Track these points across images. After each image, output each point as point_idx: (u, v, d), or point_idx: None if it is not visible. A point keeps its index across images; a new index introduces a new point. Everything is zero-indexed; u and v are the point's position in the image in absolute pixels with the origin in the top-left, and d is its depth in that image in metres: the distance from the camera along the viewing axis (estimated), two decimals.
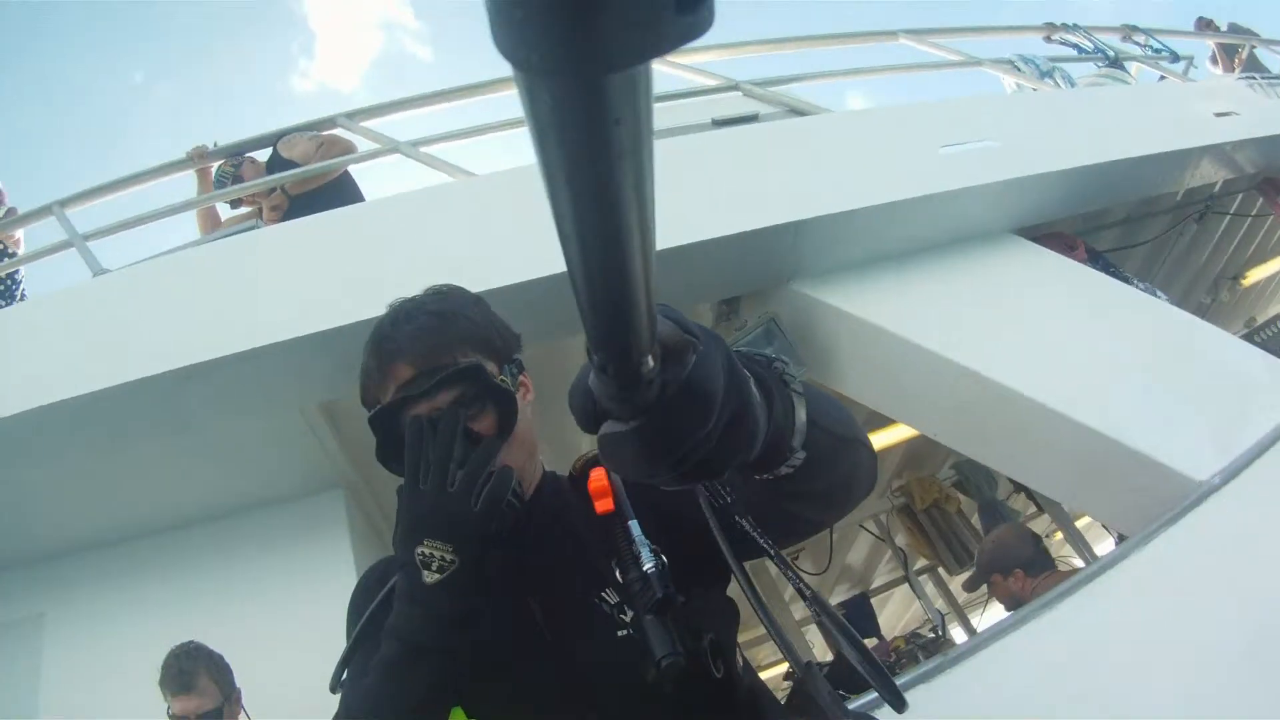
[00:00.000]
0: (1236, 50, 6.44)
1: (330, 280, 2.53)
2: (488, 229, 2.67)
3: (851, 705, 1.13)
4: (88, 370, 2.39)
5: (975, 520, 5.54)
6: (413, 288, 1.52)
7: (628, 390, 0.52)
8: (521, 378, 1.19)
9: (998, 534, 3.50)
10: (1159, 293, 3.44)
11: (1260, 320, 6.35)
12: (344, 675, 1.10)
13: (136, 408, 2.42)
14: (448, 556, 0.99)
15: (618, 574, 1.00)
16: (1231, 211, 5.09)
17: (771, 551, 0.97)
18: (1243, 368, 2.95)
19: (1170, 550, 2.27)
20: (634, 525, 1.03)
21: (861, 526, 6.24)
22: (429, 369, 1.09)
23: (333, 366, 2.44)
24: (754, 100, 3.51)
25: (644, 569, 0.96)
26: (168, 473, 2.74)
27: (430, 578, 0.98)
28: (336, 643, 2.41)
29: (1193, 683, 2.04)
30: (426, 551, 0.98)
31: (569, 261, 0.41)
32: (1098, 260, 3.54)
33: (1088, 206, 3.63)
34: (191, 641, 2.36)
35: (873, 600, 6.80)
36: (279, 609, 2.65)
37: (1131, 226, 4.47)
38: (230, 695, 2.34)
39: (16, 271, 4.24)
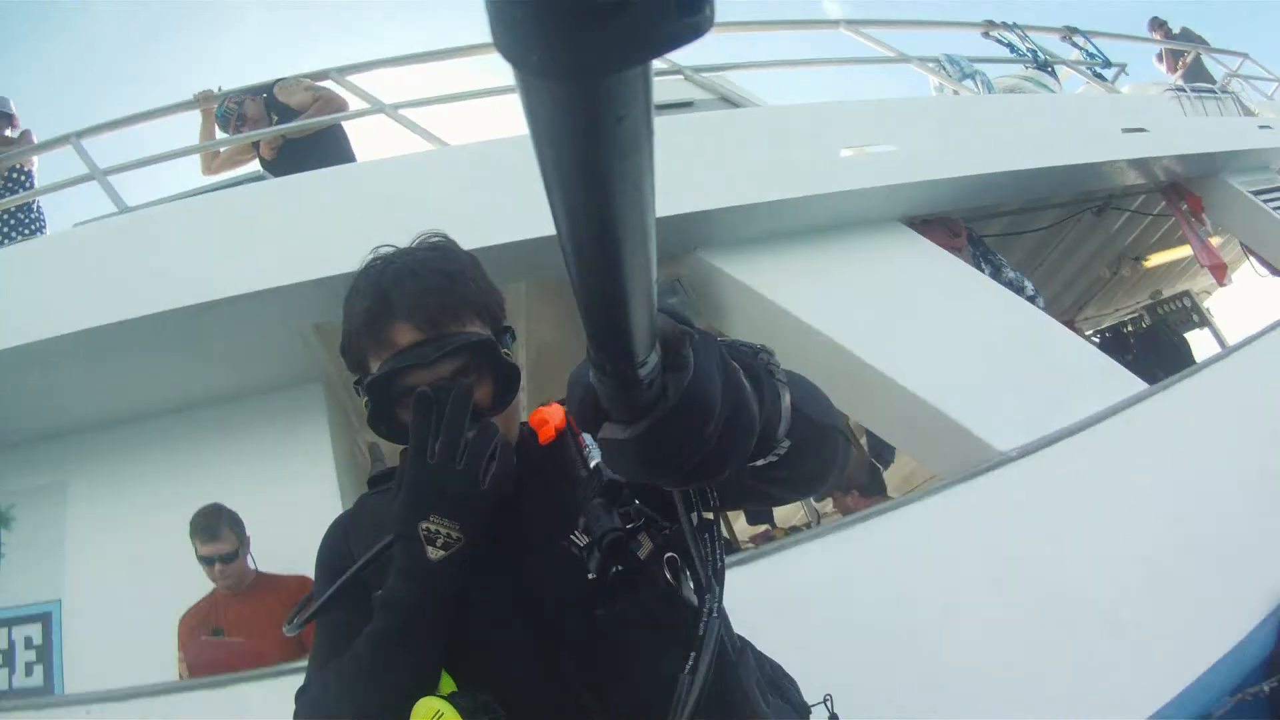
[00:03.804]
0: (1181, 54, 6.90)
1: (331, 231, 3.10)
2: (473, 192, 3.19)
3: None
4: (119, 300, 2.96)
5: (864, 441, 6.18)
6: (402, 243, 2.04)
7: (628, 391, 0.54)
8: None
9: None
10: (1028, 284, 4.12)
11: (1165, 294, 6.96)
12: (306, 621, 1.14)
13: (158, 333, 3.02)
14: (454, 534, 1.03)
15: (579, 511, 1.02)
16: (1132, 209, 5.68)
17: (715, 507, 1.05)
18: (1073, 362, 3.65)
19: (956, 502, 2.97)
20: (587, 436, 1.08)
21: None
22: (435, 336, 1.10)
23: (326, 302, 3.06)
24: (693, 85, 4.07)
25: (591, 464, 1.02)
26: (174, 371, 3.35)
27: (435, 554, 1.02)
28: (311, 511, 3.08)
29: (936, 617, 2.71)
30: (432, 528, 1.02)
31: (569, 262, 0.43)
32: (978, 246, 4.21)
33: (977, 203, 4.26)
34: (215, 502, 3.11)
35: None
36: (267, 480, 3.35)
37: (1026, 217, 5.06)
38: (243, 543, 3.13)
39: (35, 202, 4.73)
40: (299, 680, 2.32)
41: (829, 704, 1.39)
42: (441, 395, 1.03)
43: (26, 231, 4.66)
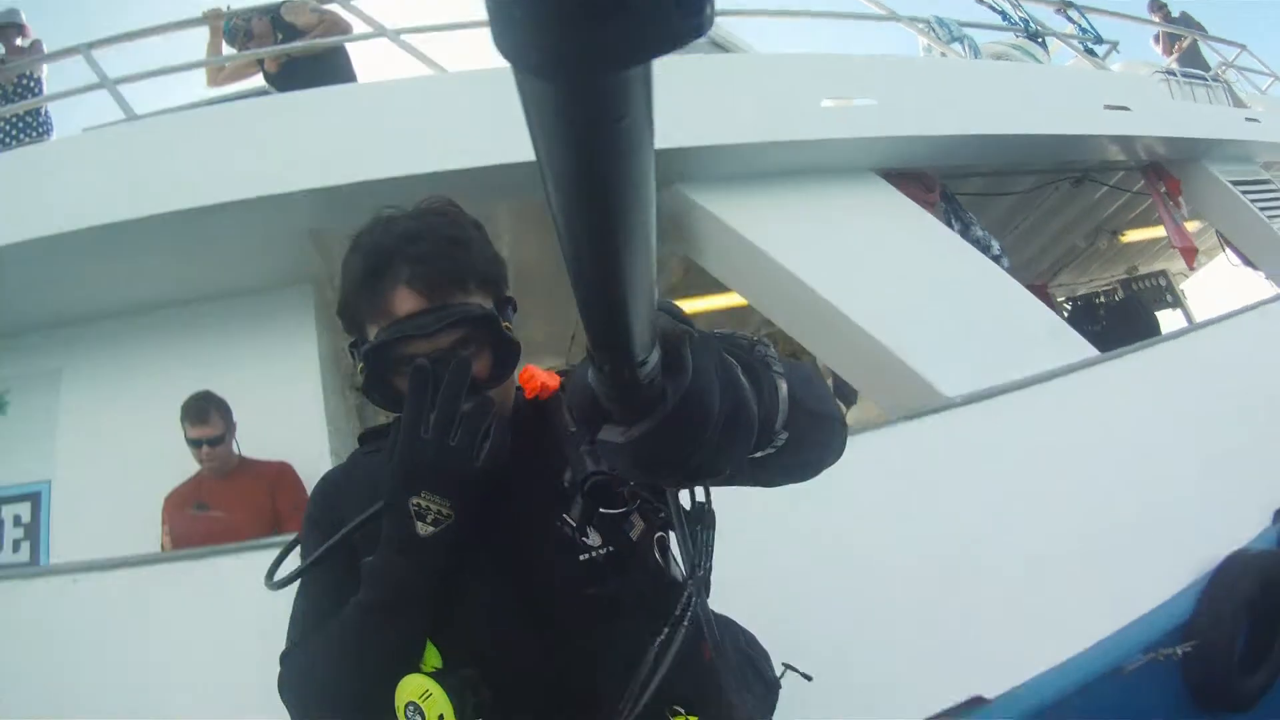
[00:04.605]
0: (1178, 38, 6.99)
1: (330, 144, 3.27)
2: (465, 117, 3.32)
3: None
4: (124, 200, 3.12)
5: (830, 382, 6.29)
6: (398, 160, 2.15)
7: (628, 391, 0.55)
8: None
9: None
10: (994, 244, 4.30)
11: (1142, 271, 7.09)
12: (292, 579, 1.15)
13: (160, 232, 3.18)
14: (444, 511, 1.03)
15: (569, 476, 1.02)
16: (1110, 184, 5.83)
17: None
18: (1028, 322, 3.82)
19: (898, 439, 3.12)
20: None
21: None
22: (438, 306, 1.09)
23: (323, 209, 3.28)
24: None
25: None
26: (172, 269, 3.53)
27: (424, 530, 1.02)
28: (295, 405, 3.26)
29: (861, 548, 2.85)
30: (422, 504, 1.02)
31: (570, 262, 0.44)
32: (951, 203, 4.39)
33: (953, 162, 4.41)
34: (206, 389, 3.31)
35: None
36: (255, 374, 3.55)
37: (1003, 179, 5.20)
38: (230, 428, 3.34)
39: (44, 108, 4.87)
40: (272, 556, 2.44)
41: (788, 672, 1.41)
42: (439, 368, 1.02)
43: (34, 135, 4.79)
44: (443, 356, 1.05)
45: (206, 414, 3.26)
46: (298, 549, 1.25)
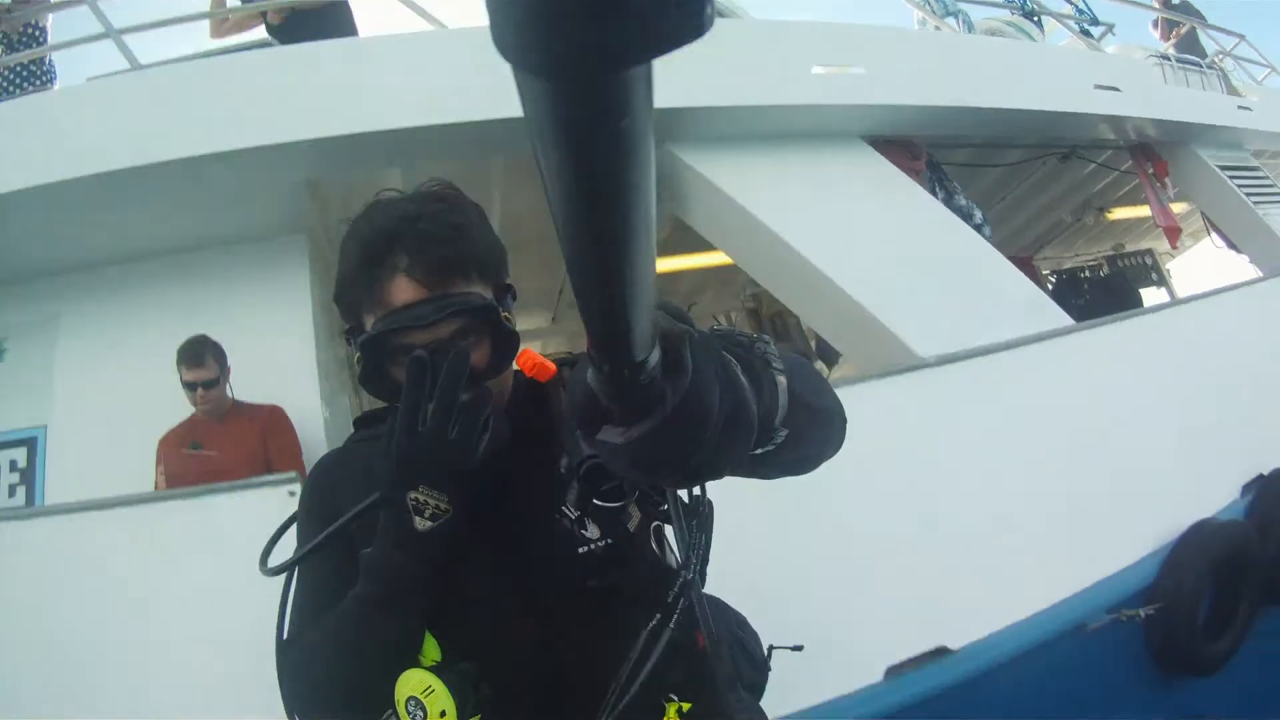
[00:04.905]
0: (1176, 25, 7.04)
1: (330, 96, 3.32)
2: (462, 72, 3.31)
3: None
4: (126, 149, 3.17)
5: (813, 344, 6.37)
6: (394, 113, 2.17)
7: (628, 391, 0.56)
8: None
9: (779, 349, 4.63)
10: (977, 213, 4.37)
11: (1128, 249, 7.15)
12: (288, 568, 1.13)
13: (161, 181, 3.24)
14: (442, 505, 1.02)
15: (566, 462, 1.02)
16: (1098, 162, 5.92)
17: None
18: (1005, 290, 3.91)
19: (871, 395, 3.22)
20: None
21: (715, 319, 7.35)
22: (437, 296, 1.07)
23: (320, 160, 3.36)
24: None
25: None
26: (171, 217, 3.58)
27: (421, 524, 1.02)
28: (288, 352, 3.33)
29: (828, 500, 2.88)
30: (420, 498, 1.02)
31: (570, 262, 0.43)
32: (936, 172, 4.47)
33: (940, 132, 4.49)
34: (202, 333, 3.38)
35: None
36: (250, 321, 3.62)
37: (990, 151, 5.29)
38: (224, 372, 3.43)
39: (48, 57, 4.89)
40: (264, 495, 2.51)
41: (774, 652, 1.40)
42: (437, 359, 1.00)
43: (38, 83, 4.82)
44: (441, 347, 1.04)
45: (202, 357, 3.34)
46: (291, 530, 1.24)
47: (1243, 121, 6.08)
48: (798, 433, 0.80)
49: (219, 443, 3.35)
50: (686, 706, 1.11)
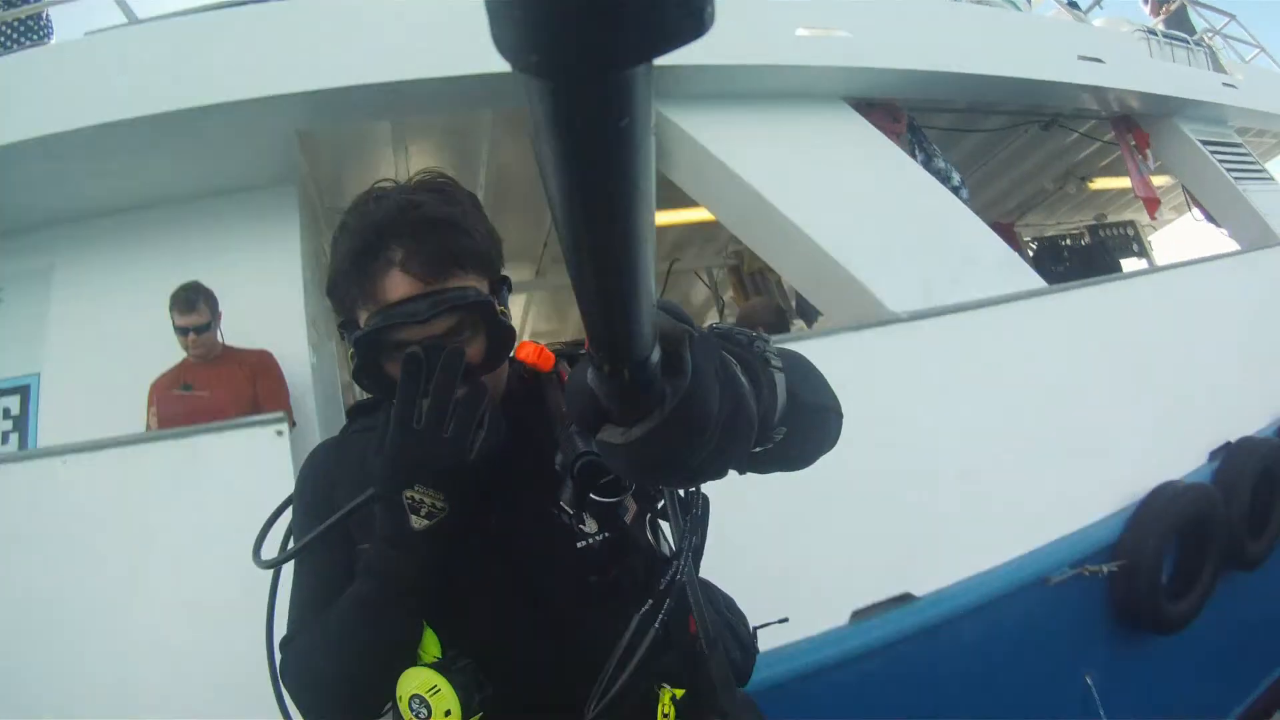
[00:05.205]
0: (1166, 1, 7.13)
1: (322, 49, 3.38)
2: (452, 25, 3.35)
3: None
4: (122, 101, 3.23)
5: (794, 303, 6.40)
6: (385, 66, 2.24)
7: (628, 391, 0.55)
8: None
9: (755, 300, 4.84)
10: (955, 175, 4.45)
11: (1110, 219, 7.22)
12: (283, 561, 1.14)
13: (156, 132, 3.30)
14: (439, 504, 1.01)
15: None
16: (1080, 132, 5.99)
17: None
18: (979, 251, 3.98)
19: (843, 346, 3.29)
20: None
21: (697, 274, 7.50)
22: (432, 292, 1.06)
23: (311, 111, 3.43)
24: None
25: None
26: (165, 168, 3.65)
27: (419, 523, 1.01)
28: (277, 299, 3.40)
29: None
30: (417, 497, 1.00)
31: (570, 262, 0.43)
32: (916, 134, 4.54)
33: (921, 95, 4.56)
34: (195, 280, 3.46)
35: None
36: (240, 269, 3.71)
37: (972, 117, 5.35)
38: (216, 317, 3.51)
39: (44, 12, 4.89)
40: (252, 434, 2.61)
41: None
42: (432, 356, 0.99)
43: (35, 38, 4.84)
44: (435, 344, 1.02)
45: (194, 303, 3.42)
46: (281, 520, 1.25)
47: (1227, 98, 6.16)
48: (795, 430, 0.81)
49: (209, 384, 3.44)
50: (679, 693, 1.12)
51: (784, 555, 2.84)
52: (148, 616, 2.64)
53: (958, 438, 3.34)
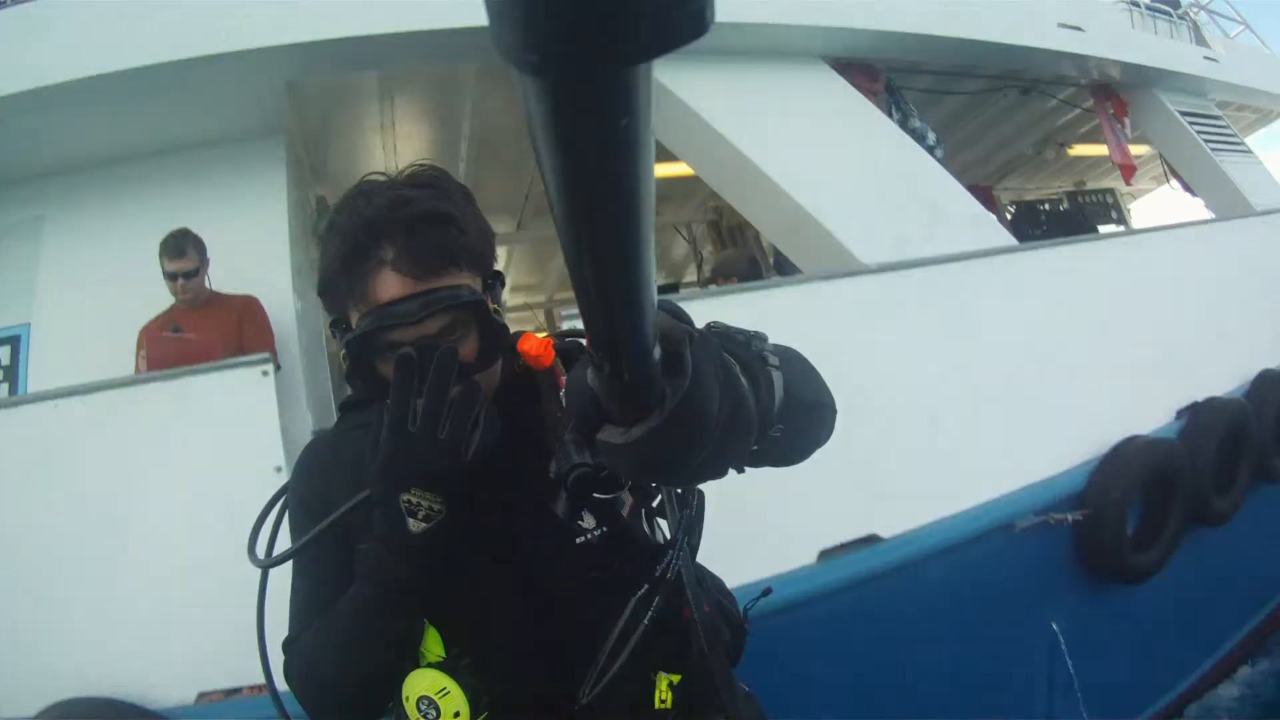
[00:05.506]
0: None
1: (309, 1, 3.39)
2: None
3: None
4: (112, 53, 3.25)
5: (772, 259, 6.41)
6: (372, 18, 2.32)
7: (628, 390, 0.56)
8: None
9: (729, 251, 4.95)
10: (931, 135, 4.54)
11: (1089, 187, 7.29)
12: (280, 561, 1.13)
13: (146, 84, 3.32)
14: (436, 507, 1.00)
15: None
16: (1059, 98, 6.06)
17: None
18: (951, 207, 4.06)
19: (815, 295, 3.34)
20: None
21: (676, 229, 7.53)
22: (424, 291, 1.04)
23: (299, 62, 3.47)
24: None
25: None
26: (154, 119, 3.68)
27: (416, 526, 1.00)
28: (264, 248, 3.45)
29: None
30: (413, 500, 0.99)
31: (570, 262, 0.43)
32: (894, 95, 4.63)
33: (899, 56, 4.62)
34: (184, 227, 3.52)
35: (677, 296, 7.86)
36: (228, 219, 3.76)
37: (951, 80, 5.42)
38: (204, 263, 3.58)
39: None
40: (239, 375, 2.69)
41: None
42: (425, 356, 0.97)
43: None
44: (428, 345, 1.00)
45: (183, 249, 3.48)
46: (271, 517, 1.23)
47: (1207, 71, 6.23)
48: (791, 428, 0.81)
49: (197, 328, 3.51)
50: (676, 679, 1.14)
51: (754, 496, 2.86)
52: (140, 552, 2.72)
53: (925, 386, 3.40)
